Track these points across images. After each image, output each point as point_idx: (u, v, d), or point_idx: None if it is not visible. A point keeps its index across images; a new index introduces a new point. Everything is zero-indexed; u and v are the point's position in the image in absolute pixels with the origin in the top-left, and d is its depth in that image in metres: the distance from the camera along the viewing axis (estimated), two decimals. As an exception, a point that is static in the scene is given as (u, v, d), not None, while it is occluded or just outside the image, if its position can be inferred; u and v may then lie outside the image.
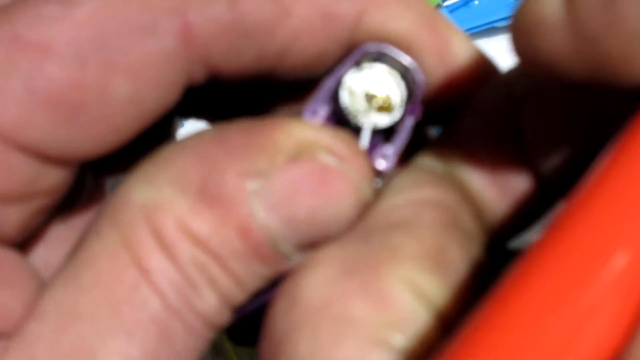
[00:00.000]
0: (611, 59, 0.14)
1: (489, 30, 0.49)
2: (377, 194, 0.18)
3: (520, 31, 0.14)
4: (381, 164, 0.18)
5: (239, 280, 0.17)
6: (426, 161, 0.18)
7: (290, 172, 0.16)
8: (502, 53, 0.18)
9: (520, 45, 0.15)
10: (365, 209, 0.17)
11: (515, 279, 0.13)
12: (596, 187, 0.13)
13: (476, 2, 0.50)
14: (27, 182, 0.17)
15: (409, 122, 0.18)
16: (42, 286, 0.17)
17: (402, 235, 0.16)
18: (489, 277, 0.16)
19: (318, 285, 0.15)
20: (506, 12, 0.49)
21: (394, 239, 0.16)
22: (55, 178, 0.17)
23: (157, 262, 0.16)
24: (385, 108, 0.18)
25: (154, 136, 0.19)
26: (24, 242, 0.18)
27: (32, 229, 0.18)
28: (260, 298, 0.18)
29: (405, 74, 0.18)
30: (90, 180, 0.20)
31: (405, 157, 0.19)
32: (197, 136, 0.17)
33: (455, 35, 0.19)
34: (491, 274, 0.16)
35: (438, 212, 0.17)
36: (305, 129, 0.17)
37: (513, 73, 0.18)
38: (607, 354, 0.12)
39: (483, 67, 0.19)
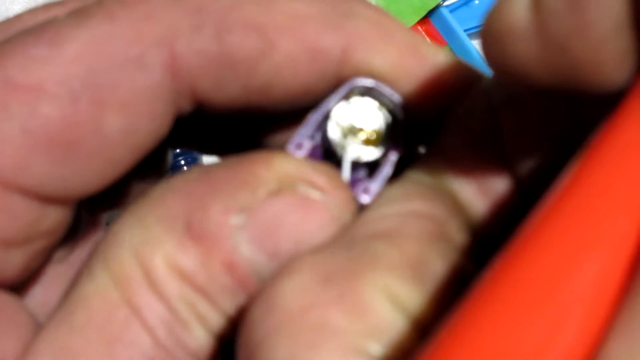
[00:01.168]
0: (579, 65, 0.14)
1: (489, 30, 0.49)
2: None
3: (490, 38, 0.14)
4: (364, 199, 0.18)
5: (228, 315, 0.17)
6: (416, 175, 0.18)
7: (272, 205, 0.17)
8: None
9: (490, 52, 0.15)
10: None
11: (488, 283, 0.13)
12: (566, 194, 0.13)
13: (476, 2, 0.50)
14: (28, 225, 0.17)
15: (393, 157, 0.19)
16: (38, 329, 0.17)
17: (383, 244, 0.16)
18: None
19: (296, 292, 0.15)
20: (506, 11, 0.48)
21: (375, 248, 0.16)
22: (55, 218, 0.17)
23: (147, 299, 0.16)
24: (371, 142, 0.19)
25: (146, 168, 0.19)
26: (21, 281, 0.18)
27: (33, 269, 0.18)
28: None
29: (392, 109, 0.19)
30: (85, 217, 0.21)
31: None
32: (183, 175, 0.17)
33: (440, 56, 0.19)
34: None
35: (424, 223, 0.17)
36: (287, 162, 0.17)
37: (491, 82, 0.18)
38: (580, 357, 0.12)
39: (472, 78, 0.19)
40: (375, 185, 0.18)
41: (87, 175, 0.17)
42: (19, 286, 0.18)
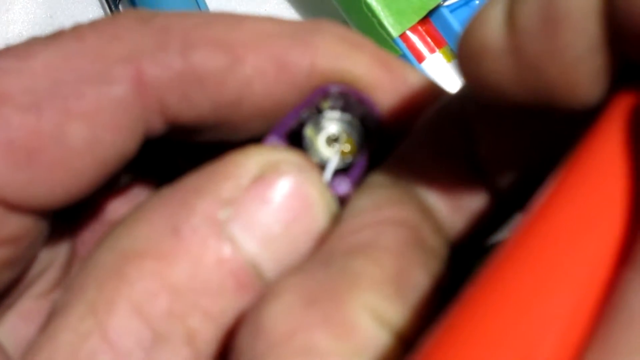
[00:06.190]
0: (553, 84, 0.14)
1: (489, 30, 0.49)
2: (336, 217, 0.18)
3: (465, 55, 0.14)
4: (340, 191, 0.18)
5: (224, 325, 0.16)
6: (381, 180, 0.18)
7: (257, 190, 0.17)
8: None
9: (465, 70, 0.15)
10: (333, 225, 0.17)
11: (469, 297, 0.13)
12: (543, 212, 0.13)
13: (477, 2, 0.49)
14: None
15: (367, 155, 0.19)
16: None
17: (362, 260, 0.16)
18: (450, 294, 0.16)
19: (281, 316, 0.15)
20: (507, 12, 0.48)
21: (354, 265, 0.16)
22: (18, 226, 0.17)
23: (124, 323, 0.16)
24: (345, 150, 0.19)
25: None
26: None
27: None
28: None
29: (364, 112, 0.19)
30: (69, 253, 0.21)
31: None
32: (158, 193, 0.18)
33: (410, 71, 0.19)
34: (452, 290, 0.16)
35: (399, 232, 0.16)
36: (263, 150, 0.17)
37: (465, 90, 0.18)
38: None
39: (439, 96, 0.19)
40: (351, 180, 0.18)
41: (49, 184, 0.17)
42: None
